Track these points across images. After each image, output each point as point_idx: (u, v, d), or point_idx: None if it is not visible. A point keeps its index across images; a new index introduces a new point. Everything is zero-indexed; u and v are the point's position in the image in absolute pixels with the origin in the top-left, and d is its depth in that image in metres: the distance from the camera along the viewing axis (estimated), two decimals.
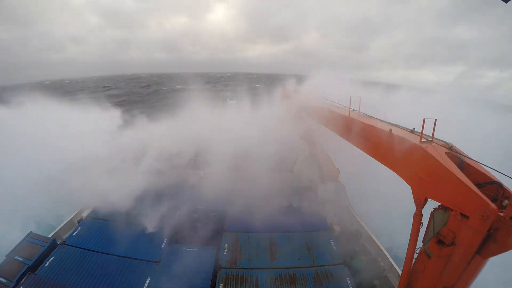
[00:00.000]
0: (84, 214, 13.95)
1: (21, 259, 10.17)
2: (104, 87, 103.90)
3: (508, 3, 5.64)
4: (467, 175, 5.91)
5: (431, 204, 6.83)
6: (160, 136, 22.39)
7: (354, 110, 11.05)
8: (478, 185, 5.75)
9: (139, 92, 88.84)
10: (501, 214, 5.11)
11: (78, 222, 13.10)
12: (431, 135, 7.26)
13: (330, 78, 16.22)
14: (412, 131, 8.06)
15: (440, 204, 6.55)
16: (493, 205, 5.14)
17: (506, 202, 5.39)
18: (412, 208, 7.19)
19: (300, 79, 19.72)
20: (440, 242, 6.17)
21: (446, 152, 6.64)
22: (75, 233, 11.58)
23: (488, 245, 5.46)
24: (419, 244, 7.26)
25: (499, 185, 5.81)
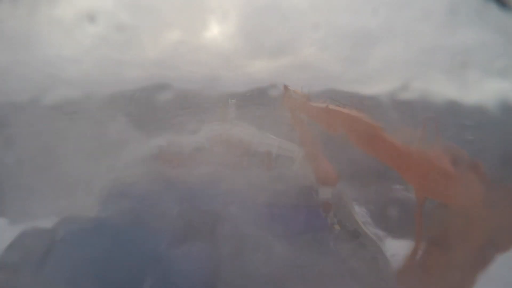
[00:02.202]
0: (85, 214, 14.02)
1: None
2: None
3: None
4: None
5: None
6: None
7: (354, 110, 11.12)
8: None
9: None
10: None
11: (78, 222, 13.14)
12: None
13: None
14: None
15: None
16: None
17: None
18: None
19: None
20: (441, 242, 6.16)
21: (446, 152, 6.66)
22: (75, 233, 11.58)
23: (487, 246, 5.47)
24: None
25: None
